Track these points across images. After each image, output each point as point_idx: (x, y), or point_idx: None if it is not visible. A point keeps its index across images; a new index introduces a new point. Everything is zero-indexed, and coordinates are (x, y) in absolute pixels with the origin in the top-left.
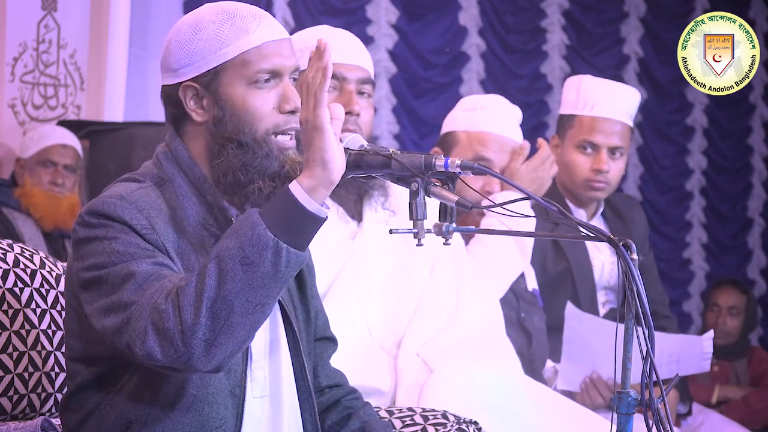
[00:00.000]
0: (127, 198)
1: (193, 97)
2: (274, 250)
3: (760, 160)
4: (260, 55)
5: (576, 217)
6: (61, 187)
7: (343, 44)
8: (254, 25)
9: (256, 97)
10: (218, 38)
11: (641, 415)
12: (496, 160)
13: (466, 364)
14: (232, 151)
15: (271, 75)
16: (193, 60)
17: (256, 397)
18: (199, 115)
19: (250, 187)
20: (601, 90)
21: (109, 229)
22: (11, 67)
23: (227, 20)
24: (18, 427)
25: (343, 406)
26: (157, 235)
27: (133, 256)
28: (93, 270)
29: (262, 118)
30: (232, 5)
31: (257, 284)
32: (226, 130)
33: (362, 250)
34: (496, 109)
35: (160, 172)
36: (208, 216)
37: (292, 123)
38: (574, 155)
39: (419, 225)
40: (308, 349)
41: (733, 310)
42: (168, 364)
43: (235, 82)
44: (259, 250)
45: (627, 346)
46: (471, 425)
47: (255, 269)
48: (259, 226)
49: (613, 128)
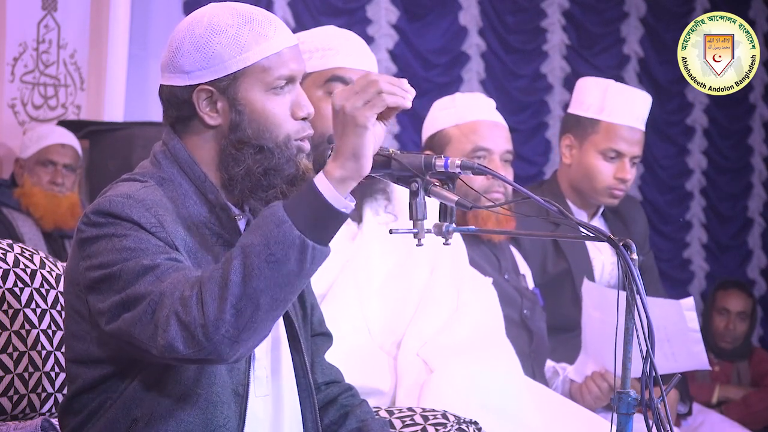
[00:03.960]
0: (134, 197)
1: (207, 100)
2: (301, 247)
3: (760, 160)
4: (280, 61)
5: (576, 218)
6: (61, 186)
7: (353, 47)
8: (272, 30)
9: (274, 103)
10: (238, 43)
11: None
12: (494, 148)
13: (466, 364)
14: (252, 155)
15: (287, 81)
16: (211, 63)
17: (258, 396)
18: (212, 118)
19: (272, 192)
20: (628, 98)
21: (118, 227)
22: (11, 67)
23: (245, 24)
24: (18, 427)
25: (340, 404)
26: (167, 233)
27: (146, 252)
28: (103, 268)
29: (281, 124)
30: (244, 8)
31: (283, 282)
32: (245, 135)
33: (362, 251)
34: (475, 100)
35: (160, 171)
36: (209, 215)
37: (307, 129)
38: (598, 161)
39: (419, 225)
40: (307, 346)
41: (742, 314)
42: (189, 356)
43: (254, 87)
44: (285, 248)
45: (627, 346)
46: (471, 425)
47: (281, 267)
48: (285, 223)
49: (636, 137)
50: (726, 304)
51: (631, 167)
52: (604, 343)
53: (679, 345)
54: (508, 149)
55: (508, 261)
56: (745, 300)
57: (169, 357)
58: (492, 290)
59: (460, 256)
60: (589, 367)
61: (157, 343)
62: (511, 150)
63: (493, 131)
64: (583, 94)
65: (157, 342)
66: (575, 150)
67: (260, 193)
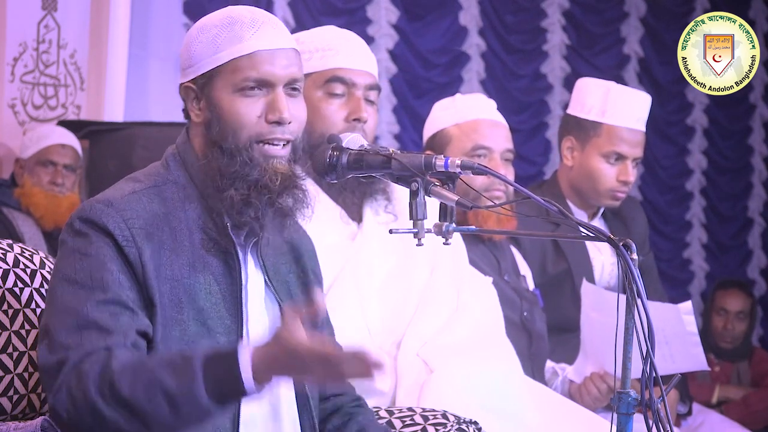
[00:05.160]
0: (116, 205)
1: (193, 98)
2: (205, 410)
3: (760, 160)
4: (250, 63)
5: (576, 218)
6: (61, 186)
7: (354, 48)
8: (250, 32)
9: (241, 104)
10: (215, 43)
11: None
12: (495, 146)
13: (466, 364)
14: (213, 155)
15: (258, 84)
16: (193, 62)
17: (254, 402)
18: (197, 116)
19: (225, 194)
20: (629, 100)
21: (87, 242)
22: (11, 67)
23: (227, 26)
24: (18, 427)
25: (344, 411)
26: (136, 248)
27: (93, 288)
28: (58, 278)
29: (245, 126)
30: (240, 11)
31: (177, 425)
32: (213, 134)
33: (362, 251)
34: (476, 100)
35: (168, 173)
36: (208, 219)
37: (276, 133)
38: (600, 164)
39: (419, 225)
40: None
41: (741, 314)
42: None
43: (224, 87)
44: (190, 404)
45: (627, 346)
46: (471, 425)
47: (180, 416)
48: (198, 384)
49: (638, 139)
50: (724, 304)
51: (633, 169)
52: (603, 344)
53: (678, 347)
54: (509, 148)
55: (508, 262)
56: (744, 300)
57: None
58: (492, 290)
59: (460, 256)
60: (588, 368)
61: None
62: (512, 149)
63: (493, 130)
64: (583, 95)
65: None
66: (577, 152)
67: (218, 194)
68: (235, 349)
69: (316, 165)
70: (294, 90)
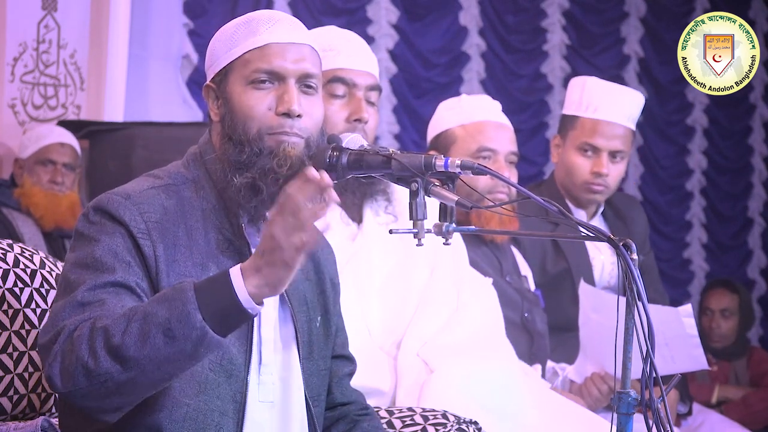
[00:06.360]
0: (133, 198)
1: (213, 97)
2: (200, 333)
3: (760, 160)
4: (261, 55)
5: (576, 218)
6: (61, 185)
7: (355, 49)
8: (265, 27)
9: (252, 96)
10: (232, 39)
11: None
12: (499, 149)
13: (466, 365)
14: (226, 148)
15: (269, 76)
16: (212, 61)
17: (262, 402)
18: (215, 114)
19: (234, 182)
20: (604, 93)
21: (101, 230)
22: (11, 67)
23: (245, 24)
24: (18, 427)
25: (350, 418)
26: (151, 241)
27: (101, 270)
28: (69, 264)
29: (255, 117)
30: (263, 11)
31: (173, 358)
32: (227, 128)
33: (362, 252)
34: (481, 101)
35: (187, 171)
36: (224, 219)
37: (285, 127)
38: (575, 157)
39: (419, 225)
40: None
41: (725, 312)
42: (65, 394)
43: (237, 81)
44: (185, 328)
45: (627, 346)
46: (471, 425)
47: (176, 345)
48: (191, 304)
49: (615, 132)
50: (709, 304)
51: (612, 162)
52: (603, 345)
53: (678, 349)
54: (513, 150)
55: (509, 262)
56: (729, 297)
57: (51, 388)
58: (492, 290)
59: (460, 257)
60: (588, 368)
61: (44, 370)
62: (516, 152)
63: (498, 132)
64: (568, 93)
65: (44, 369)
66: (561, 149)
67: (228, 186)
68: (226, 270)
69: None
70: (308, 87)
